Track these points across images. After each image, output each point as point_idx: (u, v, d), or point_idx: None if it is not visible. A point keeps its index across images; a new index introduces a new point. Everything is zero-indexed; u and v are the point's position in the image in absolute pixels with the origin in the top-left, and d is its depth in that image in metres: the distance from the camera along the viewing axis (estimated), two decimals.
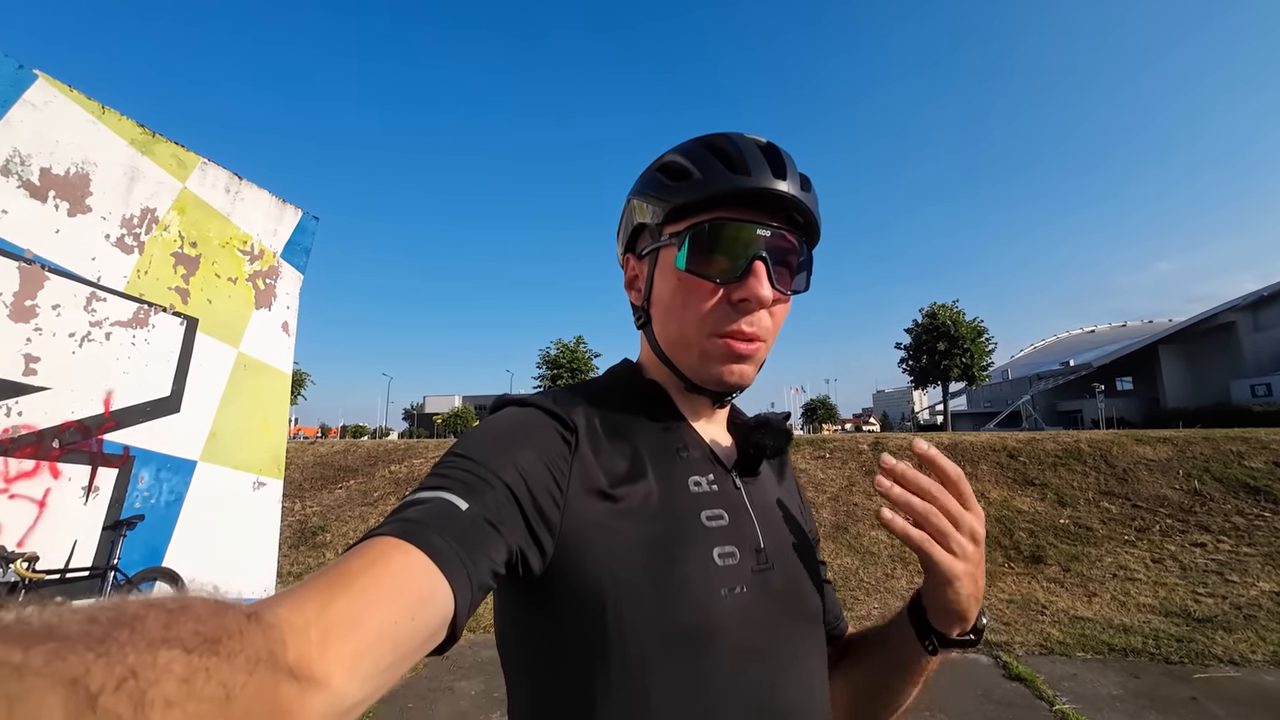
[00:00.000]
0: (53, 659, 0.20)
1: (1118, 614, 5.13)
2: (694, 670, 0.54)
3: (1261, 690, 3.64)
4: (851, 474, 9.31)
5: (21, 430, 3.39)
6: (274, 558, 4.96)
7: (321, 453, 12.52)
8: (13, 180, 3.38)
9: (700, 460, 0.66)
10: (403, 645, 0.38)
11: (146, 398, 4.11)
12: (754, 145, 0.65)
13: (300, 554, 7.68)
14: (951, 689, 3.69)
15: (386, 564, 0.40)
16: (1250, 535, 6.74)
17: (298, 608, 0.35)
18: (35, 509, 3.46)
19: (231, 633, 0.28)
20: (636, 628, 0.54)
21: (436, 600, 0.41)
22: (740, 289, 0.62)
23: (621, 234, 0.76)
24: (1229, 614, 4.95)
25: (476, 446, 0.55)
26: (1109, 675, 3.89)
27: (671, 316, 0.67)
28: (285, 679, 0.30)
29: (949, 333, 31.29)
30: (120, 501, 3.91)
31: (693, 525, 0.60)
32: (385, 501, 9.49)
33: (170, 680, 0.23)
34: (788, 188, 0.62)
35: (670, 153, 0.69)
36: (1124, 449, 9.09)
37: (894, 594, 5.80)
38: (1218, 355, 35.35)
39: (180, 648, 0.25)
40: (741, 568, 0.60)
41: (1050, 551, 6.78)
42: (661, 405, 0.70)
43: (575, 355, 37.61)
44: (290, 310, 5.35)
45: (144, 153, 4.09)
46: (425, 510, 0.46)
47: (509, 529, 0.50)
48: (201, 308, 4.54)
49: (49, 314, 3.55)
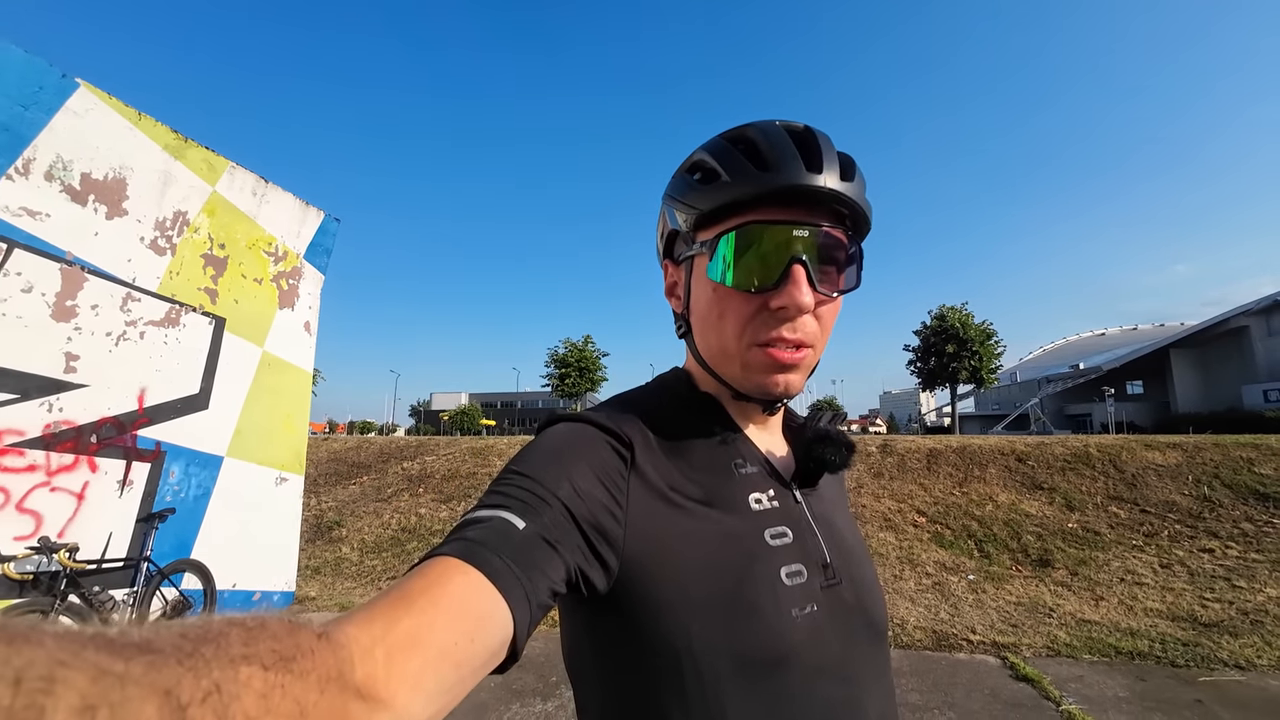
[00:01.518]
0: (149, 670, 0.22)
1: (1125, 618, 5.17)
2: (770, 694, 0.54)
3: (1267, 695, 3.68)
4: (860, 476, 9.35)
5: (62, 426, 3.52)
6: (295, 551, 5.08)
7: (335, 449, 12.69)
8: (55, 184, 3.51)
9: (759, 476, 0.65)
10: (464, 665, 0.39)
11: (177, 395, 4.24)
12: (785, 136, 0.60)
13: (316, 548, 7.82)
14: (959, 689, 3.76)
15: (446, 585, 0.41)
16: (1259, 541, 6.75)
17: (365, 628, 0.36)
18: (74, 501, 3.59)
19: (305, 651, 0.30)
20: (708, 650, 0.53)
21: (496, 620, 0.42)
22: (778, 296, 0.59)
23: (659, 239, 0.74)
24: (1236, 619, 4.98)
25: (532, 464, 0.55)
26: (1115, 677, 3.95)
27: (710, 328, 0.65)
28: (353, 698, 0.32)
29: (958, 335, 31.14)
30: (152, 495, 4.04)
31: (758, 545, 0.59)
32: (398, 498, 9.63)
33: (250, 695, 0.25)
34: (824, 181, 0.58)
35: (699, 150, 0.65)
36: (1133, 454, 9.09)
37: (902, 595, 5.86)
38: (1230, 360, 34.98)
39: (259, 664, 0.26)
40: (810, 586, 0.59)
41: (1058, 555, 6.81)
42: (715, 416, 0.68)
43: (584, 355, 37.70)
44: (312, 310, 5.47)
45: (177, 157, 4.21)
46: (483, 530, 0.47)
47: (567, 548, 0.50)
48: (229, 308, 4.67)
49: (88, 314, 3.68)
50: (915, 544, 7.29)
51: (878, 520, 7.97)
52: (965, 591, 5.96)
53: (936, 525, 7.77)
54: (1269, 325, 33.52)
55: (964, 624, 5.01)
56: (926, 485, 8.89)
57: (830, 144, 0.62)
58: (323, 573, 6.97)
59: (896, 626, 4.93)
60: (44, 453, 3.54)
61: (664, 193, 0.70)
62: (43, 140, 3.51)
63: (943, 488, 8.77)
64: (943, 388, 33.41)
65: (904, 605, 5.54)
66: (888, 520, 7.96)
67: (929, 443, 10.44)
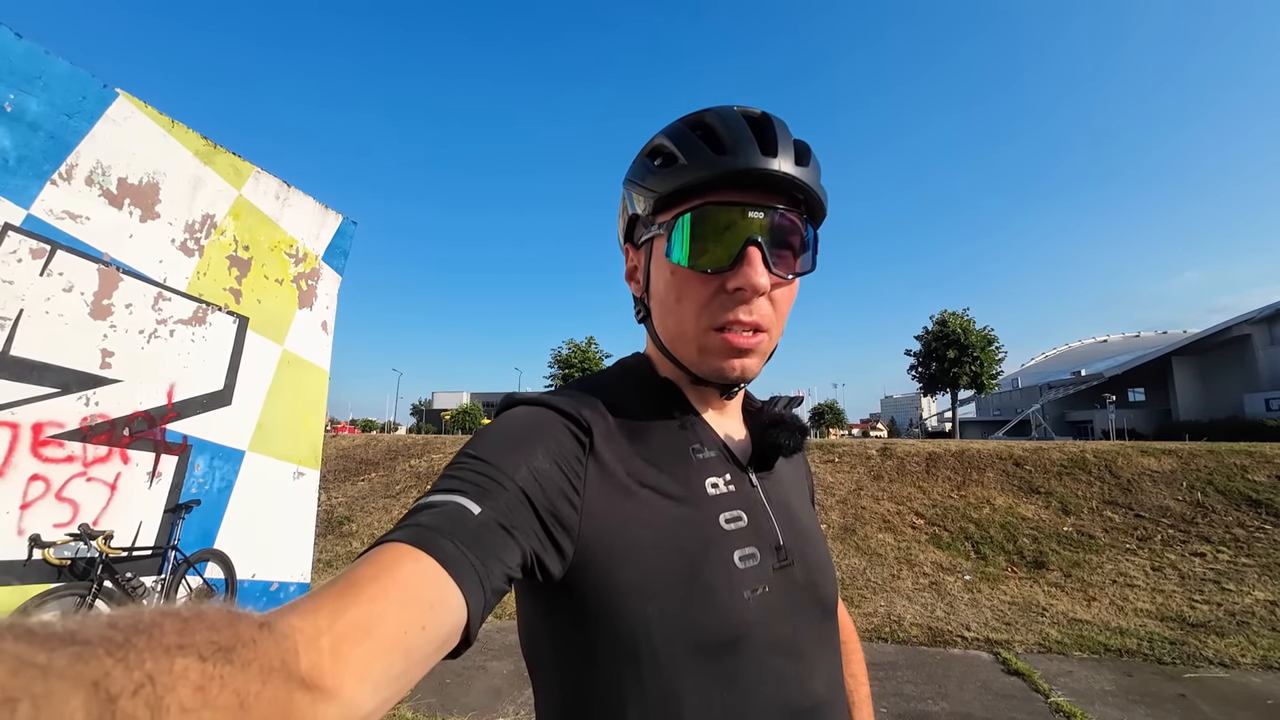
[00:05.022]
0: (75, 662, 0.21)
1: (1115, 617, 5.31)
2: (724, 674, 0.55)
3: (1249, 690, 3.83)
4: (860, 478, 9.50)
5: (98, 419, 3.70)
6: (310, 543, 5.25)
7: (344, 446, 12.88)
8: (95, 189, 3.69)
9: (716, 460, 0.66)
10: (414, 653, 0.39)
11: (203, 391, 4.42)
12: (742, 121, 0.62)
13: (328, 542, 7.99)
14: (953, 681, 3.91)
15: (396, 572, 0.40)
16: (1250, 546, 6.88)
17: (310, 617, 0.35)
18: (107, 491, 3.76)
19: (245, 641, 0.29)
20: (663, 633, 0.54)
21: (448, 606, 0.41)
22: (734, 277, 0.59)
23: (620, 223, 0.74)
24: (1222, 620, 5.13)
25: (488, 448, 0.55)
26: (1103, 673, 4.10)
27: (668, 310, 0.65)
28: (298, 688, 0.31)
29: (959, 341, 31.24)
30: (179, 487, 4.22)
31: (712, 529, 0.60)
32: (407, 494, 9.79)
33: (186, 687, 0.24)
34: (778, 165, 0.59)
35: (658, 135, 0.66)
36: (1129, 460, 9.22)
37: (899, 594, 6.01)
38: (1232, 368, 35.01)
39: (196, 655, 0.25)
40: (763, 568, 0.60)
41: (1053, 557, 6.96)
42: (674, 401, 0.69)
43: (587, 356, 37.91)
44: (329, 310, 5.65)
45: (206, 163, 4.39)
46: (436, 515, 0.46)
47: (522, 532, 0.49)
48: (252, 307, 4.85)
49: (123, 312, 3.86)
50: (913, 545, 7.43)
51: (876, 521, 8.11)
52: (961, 591, 6.11)
53: (934, 527, 7.92)
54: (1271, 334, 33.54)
55: (959, 621, 5.16)
56: (925, 488, 9.04)
57: (786, 130, 0.63)
58: (334, 566, 7.14)
59: (893, 623, 5.08)
60: (81, 444, 3.71)
61: (624, 178, 0.71)
62: (84, 147, 3.69)
63: (941, 491, 8.92)
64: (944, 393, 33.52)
65: (900, 603, 5.69)
66: (886, 522, 8.10)
67: (928, 447, 10.58)
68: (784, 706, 0.57)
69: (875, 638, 4.82)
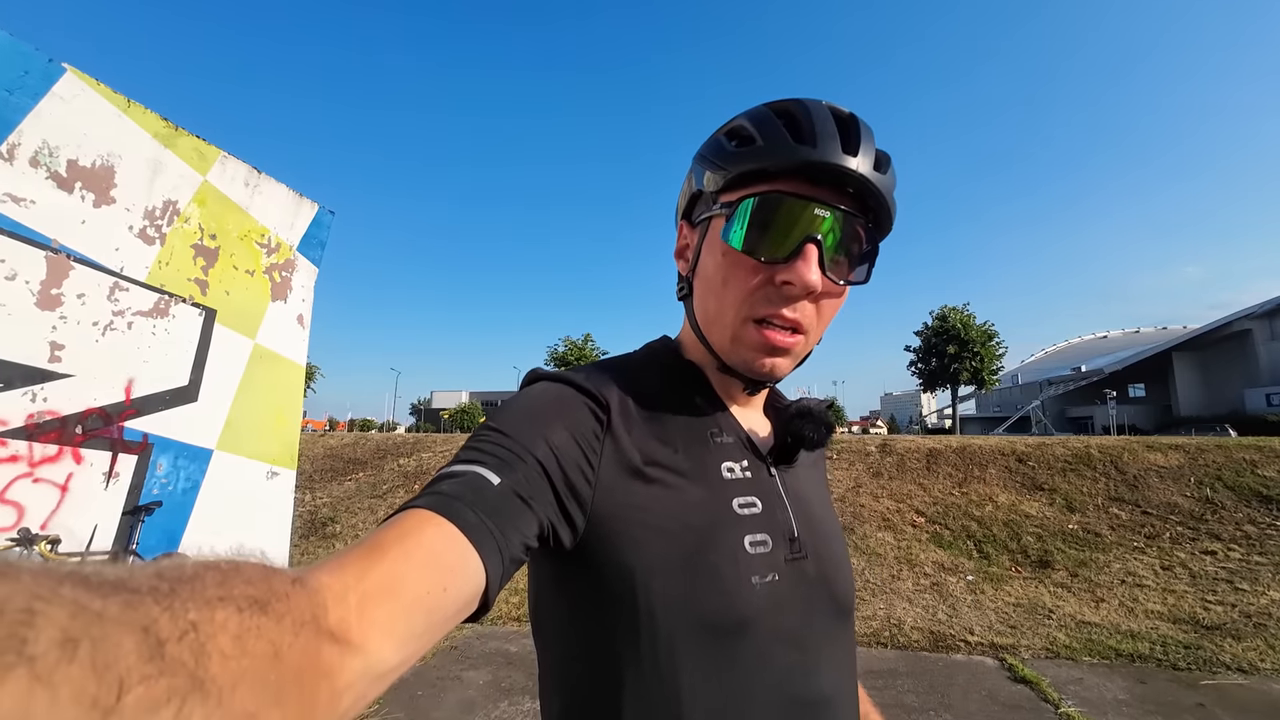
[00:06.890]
0: (126, 609, 0.22)
1: (1125, 620, 5.10)
2: (725, 656, 0.55)
3: (1270, 699, 3.62)
4: (859, 475, 9.30)
5: (46, 416, 3.47)
6: (286, 546, 5.03)
7: (331, 445, 12.66)
8: (41, 171, 3.46)
9: (734, 446, 0.65)
10: (436, 613, 0.40)
11: (165, 386, 4.19)
12: (828, 115, 0.60)
13: (310, 544, 7.77)
14: (956, 690, 3.70)
15: (419, 536, 0.42)
16: (1262, 544, 6.68)
17: (338, 574, 0.36)
18: (58, 493, 3.54)
19: (279, 595, 0.30)
20: (667, 610, 0.54)
21: (469, 572, 0.43)
22: (785, 271, 0.58)
23: (681, 199, 0.73)
24: (1238, 622, 4.92)
25: (509, 421, 0.55)
26: (1115, 680, 3.88)
27: (711, 291, 0.64)
28: (327, 641, 0.32)
29: (959, 336, 31.10)
30: (139, 488, 3.99)
31: (724, 512, 0.59)
32: (394, 494, 9.58)
33: (225, 636, 0.25)
34: (856, 165, 0.57)
35: (739, 116, 0.65)
36: (1135, 455, 9.03)
37: (899, 595, 5.80)
38: (1233, 363, 34.92)
39: (234, 607, 0.27)
40: (774, 556, 0.60)
41: (1058, 556, 6.75)
42: (697, 386, 0.69)
43: (583, 354, 37.74)
44: (305, 303, 5.42)
45: (167, 146, 4.17)
46: (458, 484, 0.47)
47: (540, 503, 0.50)
48: (220, 299, 4.62)
49: (74, 303, 3.63)
50: (914, 544, 7.23)
51: (876, 520, 7.91)
52: (964, 592, 5.90)
53: (935, 525, 7.71)
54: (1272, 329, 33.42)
55: (962, 625, 4.95)
56: (926, 485, 8.83)
57: (871, 135, 0.61)
58: None
59: (893, 627, 4.87)
60: (26, 443, 3.50)
61: (696, 153, 0.69)
62: (28, 125, 3.47)
63: (942, 488, 8.72)
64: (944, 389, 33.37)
65: (901, 605, 5.48)
66: (886, 520, 7.90)
67: (928, 443, 10.38)
68: (786, 696, 0.57)
69: (874, 643, 4.60)
